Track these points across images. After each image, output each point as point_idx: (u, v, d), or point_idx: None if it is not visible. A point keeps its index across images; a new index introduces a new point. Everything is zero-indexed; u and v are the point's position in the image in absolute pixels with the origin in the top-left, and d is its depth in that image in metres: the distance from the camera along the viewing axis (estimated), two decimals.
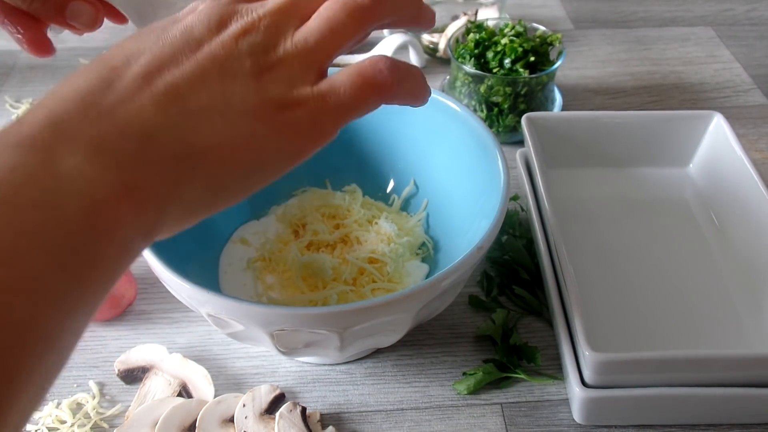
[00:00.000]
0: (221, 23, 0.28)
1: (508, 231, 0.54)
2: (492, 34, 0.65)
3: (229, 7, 0.29)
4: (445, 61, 0.76)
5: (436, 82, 0.72)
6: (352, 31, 0.30)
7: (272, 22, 0.29)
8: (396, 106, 0.53)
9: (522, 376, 0.45)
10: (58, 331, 0.22)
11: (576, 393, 0.41)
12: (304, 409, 0.43)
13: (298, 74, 0.28)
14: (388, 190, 0.54)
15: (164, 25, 0.28)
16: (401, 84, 0.30)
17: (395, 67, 0.30)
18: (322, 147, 0.29)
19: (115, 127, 0.24)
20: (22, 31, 0.40)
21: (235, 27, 0.28)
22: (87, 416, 0.44)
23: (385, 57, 0.30)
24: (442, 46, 0.76)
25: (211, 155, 0.26)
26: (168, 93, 0.25)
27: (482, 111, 0.65)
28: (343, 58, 0.75)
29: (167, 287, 0.40)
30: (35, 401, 0.21)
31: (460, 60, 0.65)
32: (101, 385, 0.46)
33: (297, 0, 0.30)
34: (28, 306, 0.20)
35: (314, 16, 0.30)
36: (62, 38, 0.88)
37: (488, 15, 0.76)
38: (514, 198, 0.57)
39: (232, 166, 0.27)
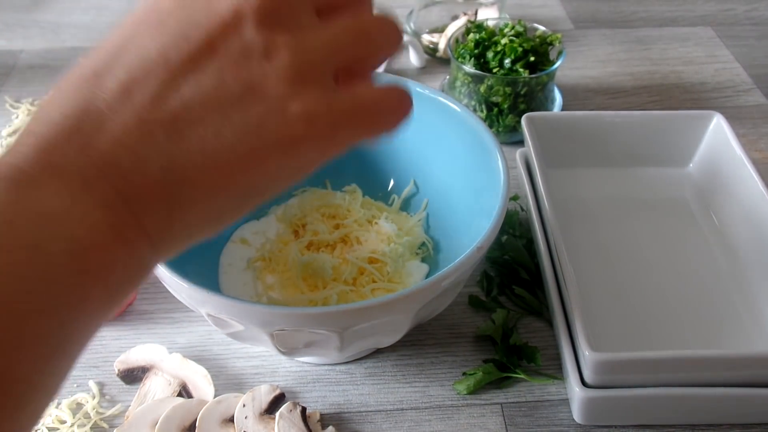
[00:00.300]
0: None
1: (508, 231, 0.54)
2: (492, 34, 0.65)
3: None
4: (445, 61, 0.76)
5: (436, 82, 0.72)
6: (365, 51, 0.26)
7: (294, 3, 0.24)
8: None
9: (522, 376, 0.45)
10: (38, 377, 0.21)
11: (576, 393, 0.41)
12: (304, 409, 0.43)
13: (320, 74, 0.24)
14: (388, 190, 0.54)
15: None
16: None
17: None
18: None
19: (100, 158, 0.22)
20: None
21: (245, 4, 0.23)
22: (87, 416, 0.44)
23: (407, 91, 0.27)
24: (442, 46, 0.76)
25: (203, 183, 0.23)
26: (154, 109, 0.22)
27: (482, 111, 0.65)
28: None
29: (167, 287, 0.40)
30: None
31: (460, 60, 0.65)
32: (101, 385, 0.46)
33: None
34: (8, 352, 0.19)
35: (345, 23, 0.25)
36: (62, 38, 0.88)
37: (488, 15, 0.76)
38: (514, 198, 0.57)
39: (227, 192, 0.23)
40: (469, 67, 0.63)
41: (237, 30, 0.23)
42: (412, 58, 0.76)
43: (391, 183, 0.54)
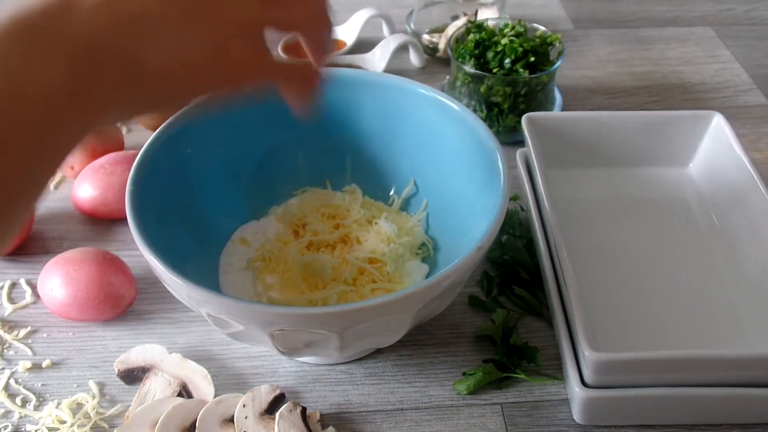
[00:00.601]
0: None
1: (508, 231, 0.54)
2: (492, 34, 0.65)
3: None
4: (445, 61, 0.76)
5: (436, 82, 0.72)
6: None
7: None
8: (397, 106, 0.52)
9: (522, 376, 0.45)
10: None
11: (576, 393, 0.41)
12: (304, 409, 0.43)
13: (258, 30, 0.31)
14: (389, 190, 0.54)
15: None
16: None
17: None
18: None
19: (72, 33, 0.27)
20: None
21: None
22: (87, 416, 0.44)
23: (319, 75, 0.35)
24: (442, 46, 0.76)
25: (150, 71, 0.29)
26: (126, 16, 0.28)
27: (482, 111, 0.65)
28: (344, 58, 0.75)
29: (167, 287, 0.40)
30: None
31: (460, 60, 0.65)
32: (101, 385, 0.46)
33: None
34: None
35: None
36: None
37: (488, 15, 0.76)
38: (514, 198, 0.57)
39: (168, 82, 0.29)
40: (469, 67, 0.63)
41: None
42: (412, 58, 0.76)
43: (392, 186, 0.54)
